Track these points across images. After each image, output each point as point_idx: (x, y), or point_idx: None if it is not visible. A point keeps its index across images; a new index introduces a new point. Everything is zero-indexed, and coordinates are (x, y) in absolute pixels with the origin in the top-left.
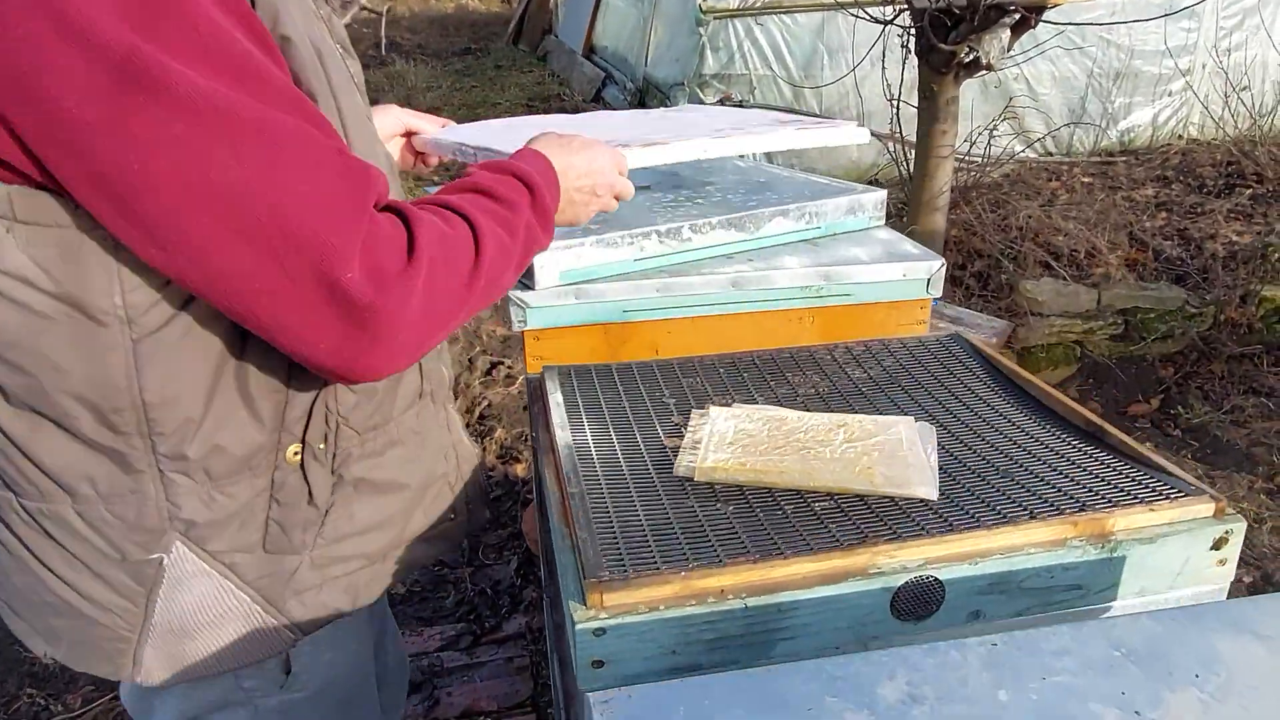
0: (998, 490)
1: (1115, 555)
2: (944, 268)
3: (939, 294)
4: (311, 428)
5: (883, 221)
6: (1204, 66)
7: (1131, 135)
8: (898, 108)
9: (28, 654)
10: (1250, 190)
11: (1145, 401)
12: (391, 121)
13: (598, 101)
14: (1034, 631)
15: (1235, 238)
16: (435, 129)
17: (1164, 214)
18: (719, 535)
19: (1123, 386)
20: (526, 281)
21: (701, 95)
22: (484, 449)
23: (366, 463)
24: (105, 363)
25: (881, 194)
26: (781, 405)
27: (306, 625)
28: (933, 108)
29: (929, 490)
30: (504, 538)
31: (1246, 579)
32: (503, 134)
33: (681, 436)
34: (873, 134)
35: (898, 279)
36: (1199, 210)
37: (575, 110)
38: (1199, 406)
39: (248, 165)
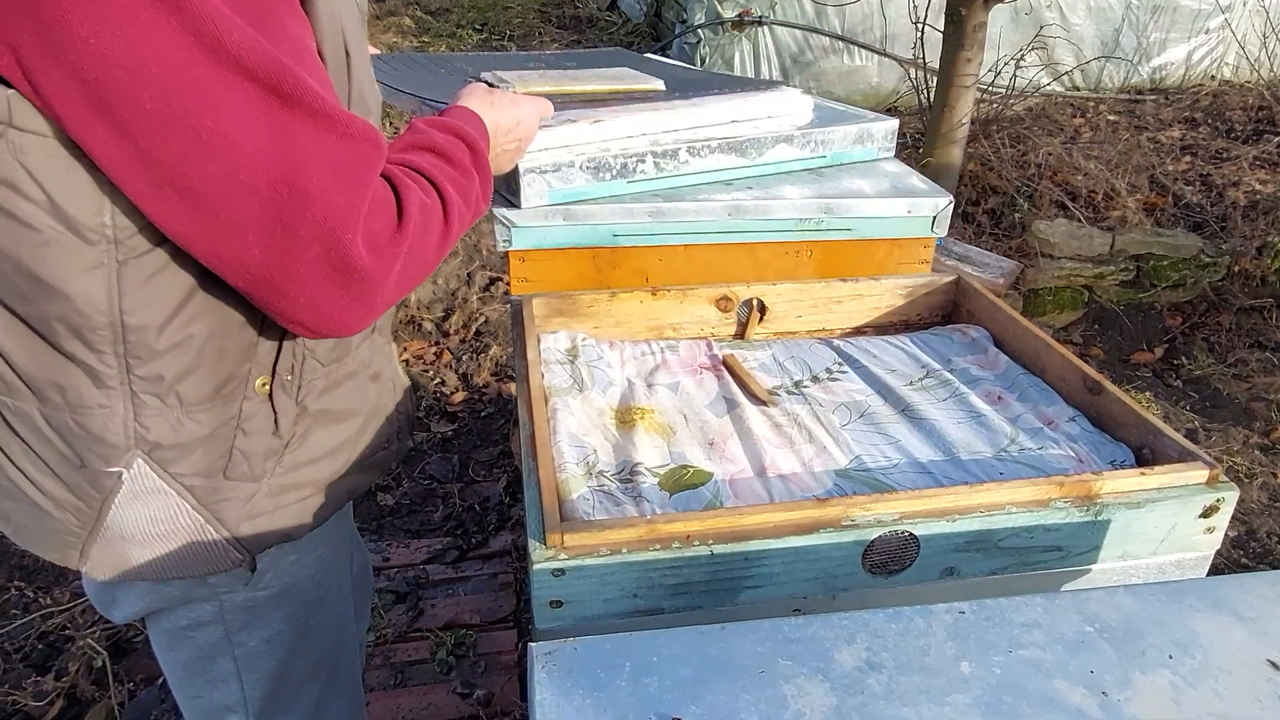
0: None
1: (1100, 519)
2: (950, 205)
3: (944, 233)
4: (280, 360)
5: (892, 153)
6: (1245, 3)
7: (1163, 73)
8: (922, 31)
9: (18, 548)
10: (1279, 138)
11: (1150, 350)
12: None
13: (613, 10)
14: (1005, 601)
15: (1259, 186)
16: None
17: (1188, 158)
18: None
19: (1128, 334)
20: (512, 198)
21: (720, 8)
22: (479, 365)
23: (328, 395)
24: (88, 280)
25: (893, 124)
26: None
27: (254, 545)
28: (959, 33)
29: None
30: (494, 455)
31: (1232, 533)
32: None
33: None
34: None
35: (902, 215)
36: (1224, 156)
37: (590, 21)
38: (1203, 358)
39: (264, 119)
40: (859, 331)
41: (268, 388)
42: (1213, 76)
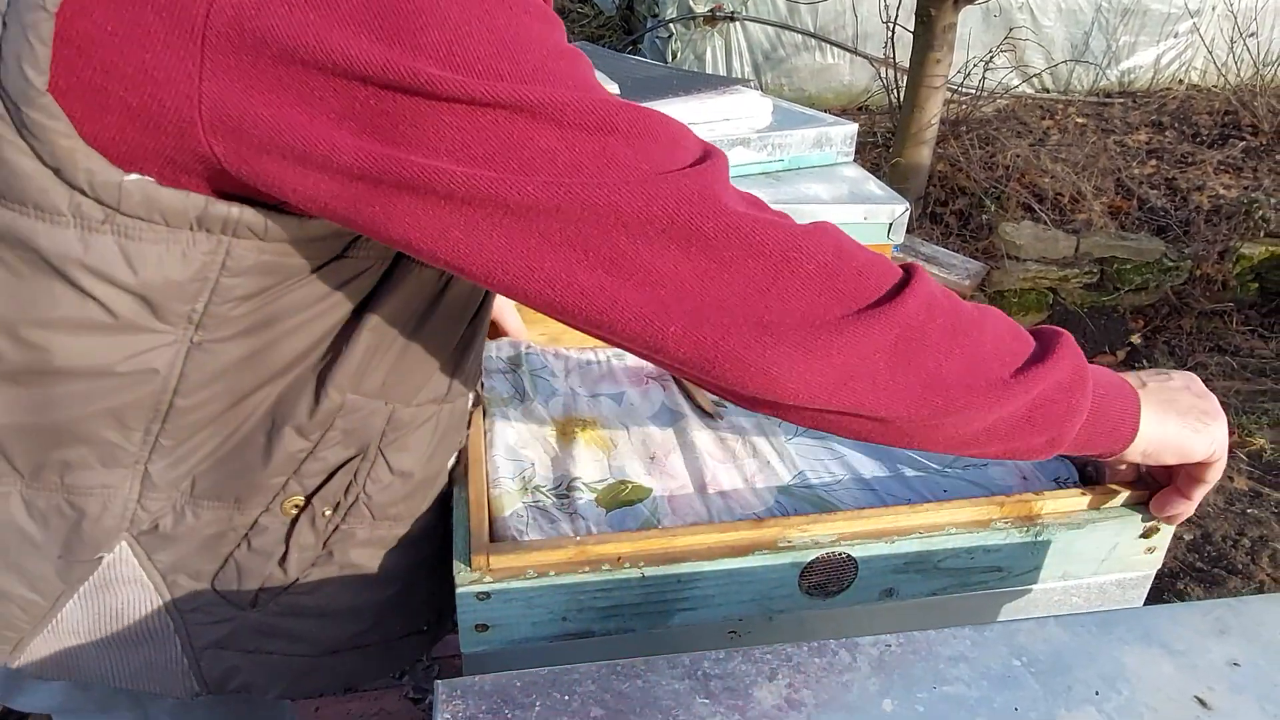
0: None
1: (1040, 539)
2: (907, 212)
3: (900, 240)
4: (326, 489)
5: (851, 157)
6: (1214, 8)
7: (1132, 76)
8: (893, 31)
9: None
10: (1244, 143)
11: (1111, 354)
12: None
13: (585, 2)
14: (933, 634)
15: (1222, 191)
16: None
17: (1154, 161)
18: None
19: (1091, 337)
20: None
21: (692, 3)
22: None
23: (365, 550)
24: (148, 359)
25: (852, 128)
26: None
27: (215, 683)
28: (929, 34)
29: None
30: None
31: (1187, 536)
32: None
33: None
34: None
35: (858, 221)
36: (1190, 160)
37: (562, 12)
38: (1164, 362)
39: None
40: None
41: (296, 512)
42: (1180, 80)
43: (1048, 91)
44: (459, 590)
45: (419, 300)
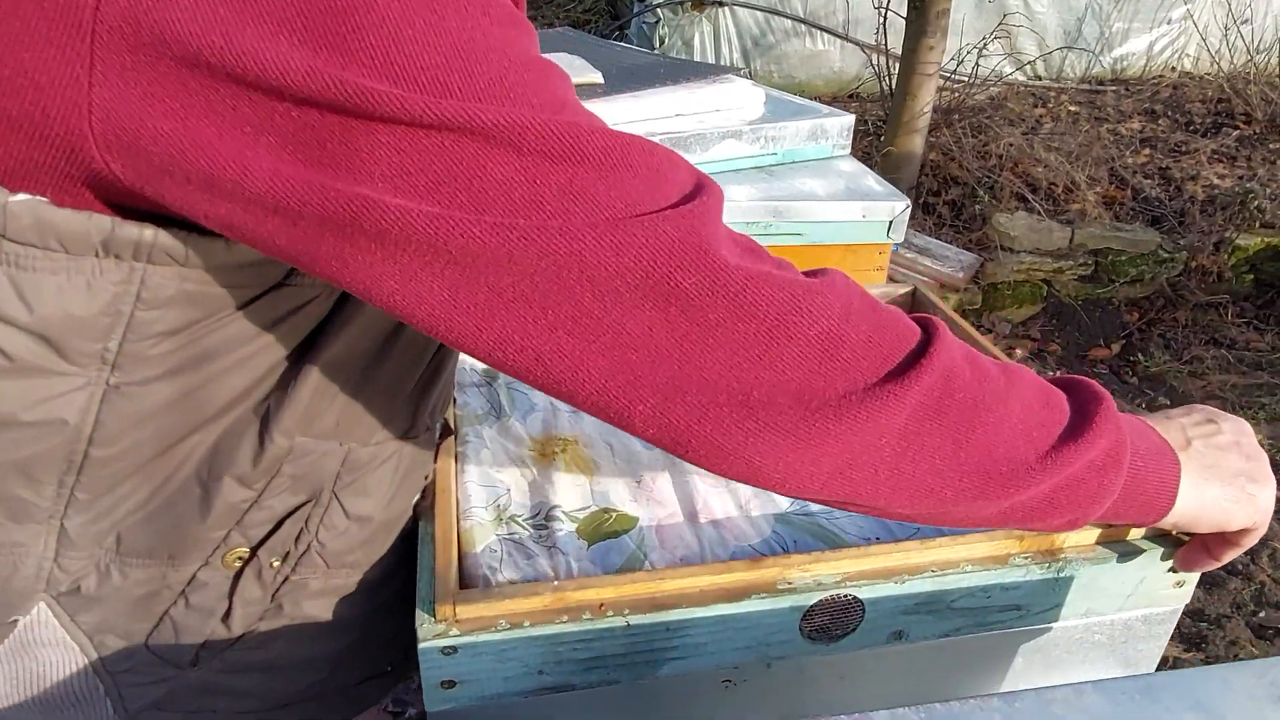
0: None
1: (1062, 575)
2: (908, 210)
3: (900, 238)
4: (274, 539)
5: (848, 150)
6: None
7: (1125, 63)
8: (885, 16)
9: None
10: (1238, 131)
11: (1106, 346)
12: None
13: None
14: (957, 706)
15: (1217, 181)
16: None
17: (1148, 150)
18: None
19: (1085, 330)
20: None
21: None
22: None
23: (318, 601)
24: (57, 407)
25: (848, 119)
26: None
27: None
28: (921, 20)
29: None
30: None
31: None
32: None
33: None
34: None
35: (856, 219)
36: (1183, 149)
37: None
38: (1159, 355)
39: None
40: None
41: (239, 565)
42: (1173, 68)
43: (1040, 79)
44: (421, 645)
45: (377, 329)
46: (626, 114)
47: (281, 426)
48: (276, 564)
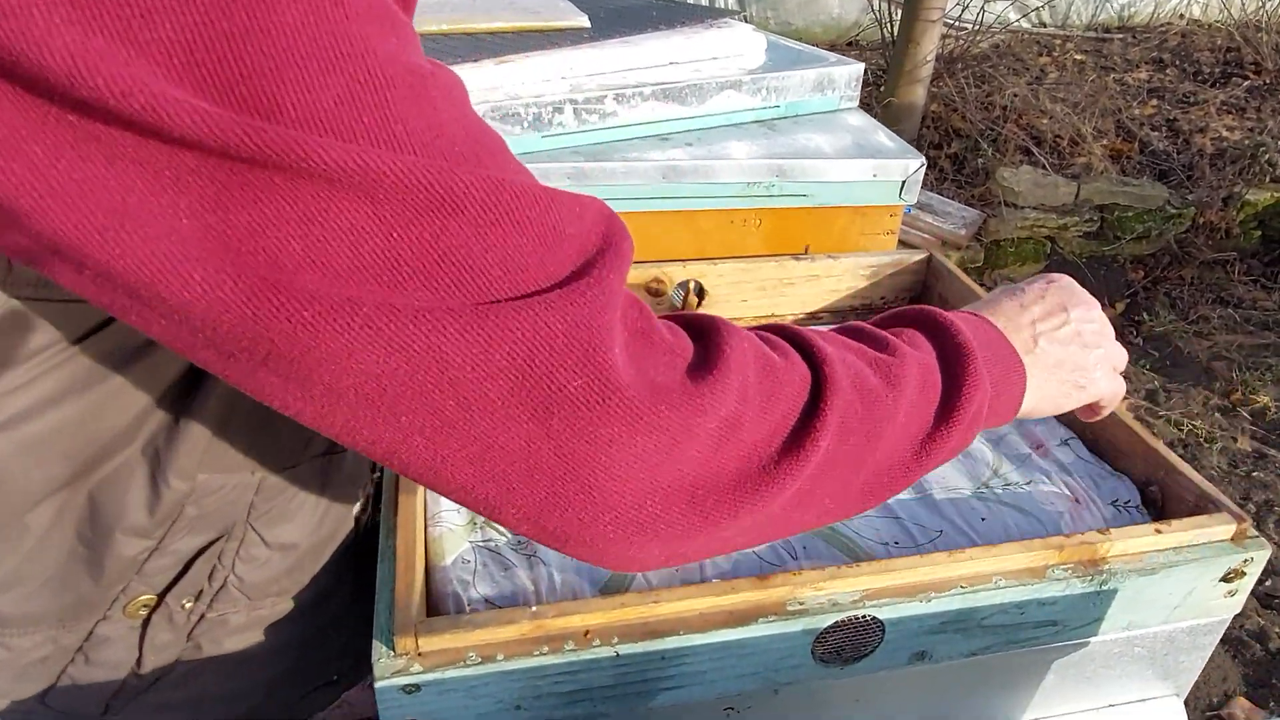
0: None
1: (1105, 588)
2: (923, 168)
3: (913, 200)
4: (183, 583)
5: (856, 102)
6: None
7: (1132, 10)
8: None
9: None
10: (1248, 81)
11: (1110, 306)
12: None
13: None
14: None
15: (1226, 133)
16: None
17: (1155, 101)
18: None
19: (1090, 288)
20: None
21: None
22: None
23: (243, 635)
24: None
25: (857, 68)
26: None
27: None
28: None
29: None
30: None
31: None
32: None
33: None
34: None
35: (866, 179)
36: (1191, 100)
37: None
38: (1164, 314)
39: None
40: (813, 318)
41: (145, 612)
42: (1182, 15)
43: (1045, 26)
44: (379, 684)
45: None
46: (616, 62)
47: (177, 468)
48: (189, 604)
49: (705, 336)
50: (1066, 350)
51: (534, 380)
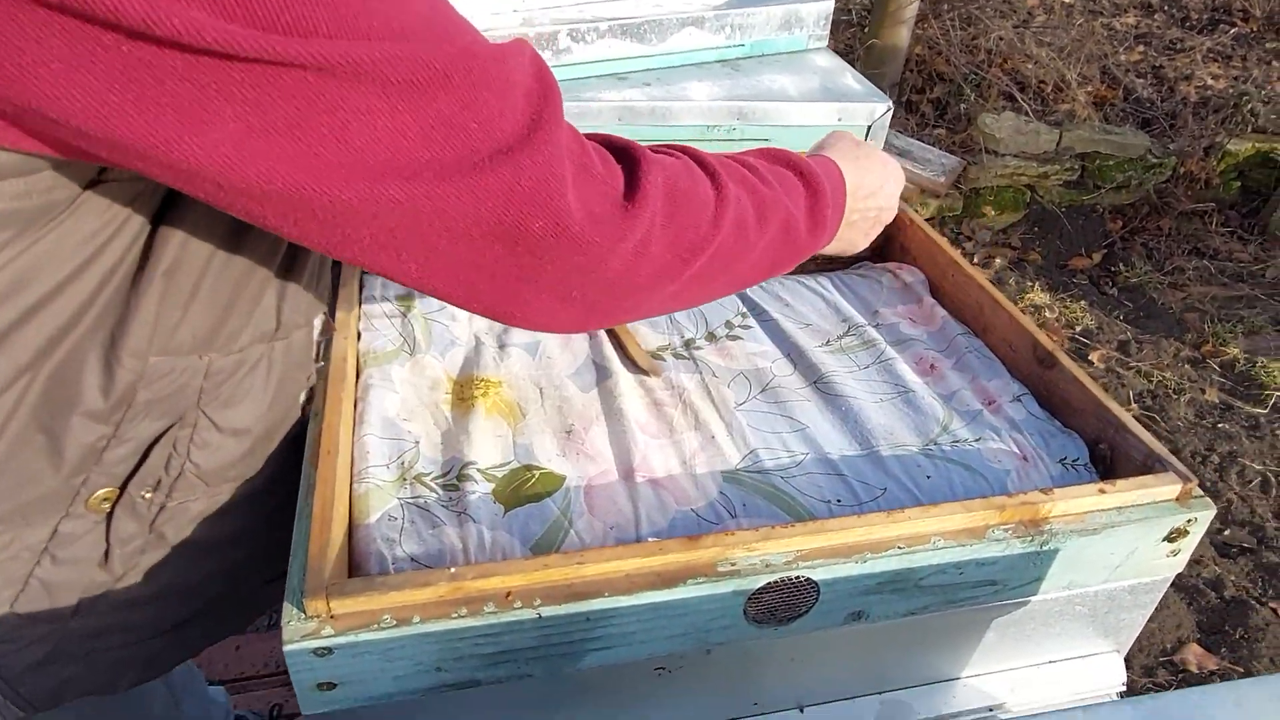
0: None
1: (1046, 549)
2: (890, 112)
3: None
4: (142, 472)
5: (825, 42)
6: None
7: None
8: None
9: None
10: (1235, 29)
11: (1087, 256)
12: None
13: None
14: None
15: (1211, 81)
16: None
17: (1141, 47)
18: None
19: (1067, 238)
20: None
21: None
22: None
23: (205, 522)
24: None
25: (827, 5)
26: None
27: (44, 701)
28: None
29: None
30: None
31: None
32: None
33: None
34: None
35: (831, 123)
36: (1178, 47)
37: None
38: (1140, 265)
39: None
40: None
41: (108, 506)
42: None
43: None
44: (288, 647)
45: (219, 223)
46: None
47: (129, 348)
48: (149, 495)
49: (627, 164)
50: (869, 203)
51: (508, 223)
